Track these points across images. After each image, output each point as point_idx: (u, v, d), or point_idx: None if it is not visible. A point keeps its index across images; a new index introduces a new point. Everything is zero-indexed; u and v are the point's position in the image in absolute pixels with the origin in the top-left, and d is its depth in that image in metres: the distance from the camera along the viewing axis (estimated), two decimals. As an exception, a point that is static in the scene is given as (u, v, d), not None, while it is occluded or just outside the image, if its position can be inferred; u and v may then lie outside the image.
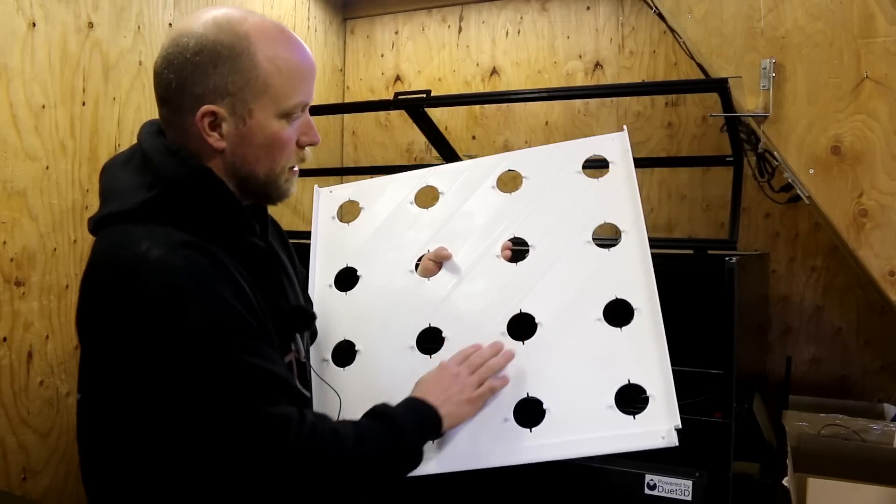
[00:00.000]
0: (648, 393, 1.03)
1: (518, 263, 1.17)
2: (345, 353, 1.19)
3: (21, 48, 1.68)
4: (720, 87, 1.68)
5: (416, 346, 1.15)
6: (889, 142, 1.55)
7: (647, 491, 1.42)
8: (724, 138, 2.01)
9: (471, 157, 2.81)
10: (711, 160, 2.47)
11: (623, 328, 1.07)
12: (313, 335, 1.21)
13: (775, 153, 1.69)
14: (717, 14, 1.71)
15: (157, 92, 0.94)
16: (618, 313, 1.08)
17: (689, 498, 1.41)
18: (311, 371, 1.14)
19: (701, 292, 1.59)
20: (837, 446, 1.75)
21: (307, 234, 1.35)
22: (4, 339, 1.68)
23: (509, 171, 1.26)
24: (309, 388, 1.09)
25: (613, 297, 1.09)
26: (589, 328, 1.09)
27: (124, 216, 0.90)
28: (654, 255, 1.11)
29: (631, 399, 1.04)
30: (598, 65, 2.78)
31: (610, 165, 1.20)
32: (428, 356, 1.14)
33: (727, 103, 1.72)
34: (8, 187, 1.67)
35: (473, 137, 2.98)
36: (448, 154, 2.45)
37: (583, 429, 1.03)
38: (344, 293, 1.24)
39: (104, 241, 0.91)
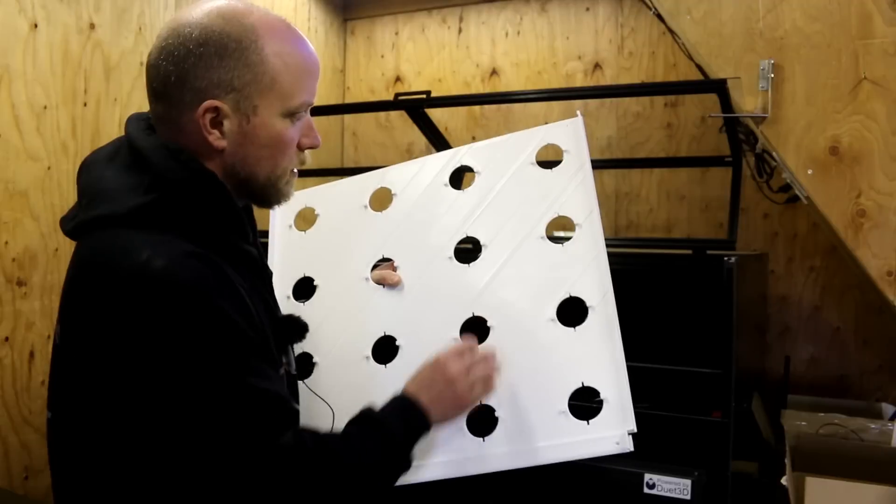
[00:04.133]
0: (602, 396, 1.00)
1: (470, 265, 1.14)
2: (303, 366, 1.15)
3: (23, 49, 1.69)
4: (719, 87, 1.68)
5: (371, 355, 1.13)
6: (887, 142, 1.56)
7: (646, 490, 1.42)
8: (722, 139, 2.02)
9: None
10: (710, 160, 2.48)
11: (577, 328, 1.04)
12: None
13: (774, 154, 1.69)
14: (715, 15, 1.72)
15: (153, 86, 0.88)
16: (572, 312, 1.05)
17: (688, 497, 1.41)
18: (305, 383, 1.12)
19: (700, 292, 1.59)
20: (836, 445, 1.75)
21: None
22: (6, 338, 1.68)
23: (463, 167, 1.22)
24: (297, 400, 1.04)
25: (567, 296, 1.06)
26: (542, 329, 1.05)
27: (118, 220, 0.83)
28: (652, 255, 1.09)
29: (586, 401, 1.01)
30: (597, 66, 2.78)
31: (564, 155, 1.15)
32: (383, 366, 1.11)
33: (726, 104, 1.73)
34: (10, 188, 1.67)
35: (473, 138, 2.98)
36: (448, 154, 2.45)
37: (535, 437, 1.01)
38: (301, 303, 1.21)
39: (94, 247, 0.84)
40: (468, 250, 1.16)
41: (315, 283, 1.22)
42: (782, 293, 2.50)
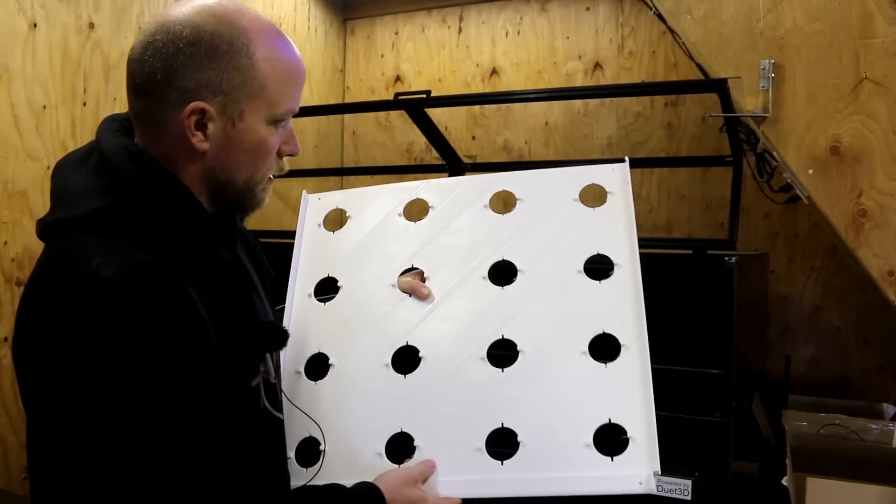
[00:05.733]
0: (629, 434, 0.99)
1: (504, 287, 1.12)
2: (318, 366, 1.13)
3: (22, 49, 1.68)
4: (719, 87, 1.68)
5: (390, 364, 1.11)
6: (888, 142, 1.55)
7: (646, 490, 1.42)
8: (723, 138, 2.02)
9: (471, 157, 2.82)
10: (711, 160, 2.48)
11: (608, 364, 1.03)
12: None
13: (774, 153, 1.69)
14: (716, 15, 1.71)
15: (135, 81, 0.84)
16: (604, 348, 1.04)
17: (689, 497, 1.41)
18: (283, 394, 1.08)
19: (700, 292, 1.59)
20: (836, 446, 1.75)
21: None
22: (6, 338, 1.68)
23: (504, 191, 1.21)
24: (279, 409, 1.02)
25: (601, 332, 1.05)
26: (572, 361, 1.04)
27: (76, 224, 0.81)
28: (653, 255, 1.09)
29: (610, 438, 1.00)
30: (597, 65, 2.78)
31: (608, 196, 1.15)
32: (402, 375, 1.09)
33: (726, 104, 1.72)
34: (9, 187, 1.67)
35: (473, 138, 2.98)
36: (448, 154, 2.45)
37: (557, 466, 1.00)
38: (322, 304, 1.19)
39: (51, 252, 0.82)
40: (503, 273, 1.14)
41: (339, 283, 1.20)
42: (783, 293, 2.50)
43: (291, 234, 1.24)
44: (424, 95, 2.01)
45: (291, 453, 1.05)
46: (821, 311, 2.46)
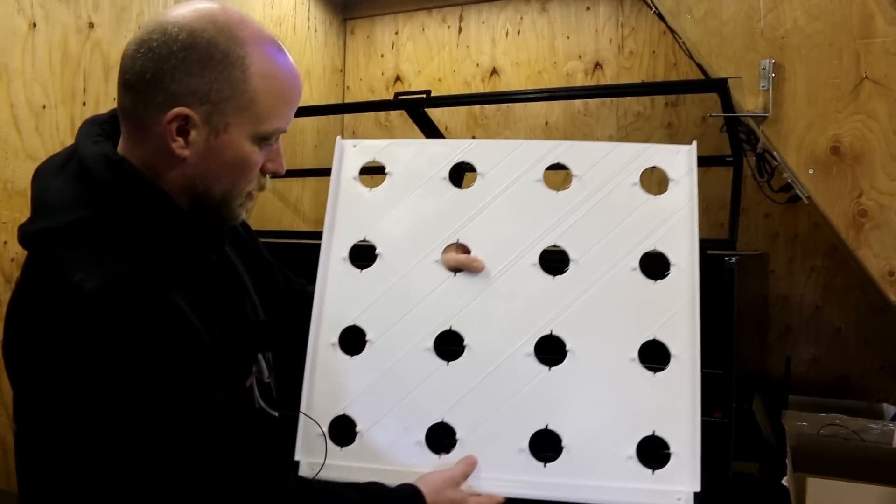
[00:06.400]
0: (672, 449, 0.98)
1: (555, 277, 1.07)
2: (353, 340, 1.09)
3: (21, 49, 1.68)
4: (720, 87, 1.68)
5: (433, 348, 1.06)
6: (888, 142, 1.55)
7: (646, 490, 1.41)
8: (723, 138, 2.01)
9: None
10: (711, 160, 2.46)
11: (657, 374, 1.01)
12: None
13: (775, 153, 1.69)
14: (716, 14, 1.71)
15: (125, 77, 0.83)
16: (654, 354, 1.02)
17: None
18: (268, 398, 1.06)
19: (700, 292, 1.58)
20: (837, 446, 1.75)
21: (306, 234, 1.34)
22: (5, 338, 1.68)
23: (558, 164, 1.14)
24: (275, 408, 1.01)
25: (652, 338, 1.03)
26: (621, 367, 1.02)
27: (56, 236, 0.80)
28: (654, 255, 1.08)
29: (652, 450, 0.99)
30: (597, 65, 2.78)
31: (670, 184, 1.11)
32: (445, 363, 1.06)
33: (727, 103, 1.72)
34: (9, 187, 1.67)
35: (473, 137, 2.98)
36: (448, 154, 2.45)
37: (598, 475, 0.99)
38: (358, 270, 1.12)
39: (34, 265, 0.82)
40: (554, 259, 1.09)
41: (377, 252, 1.13)
42: (783, 293, 2.50)
43: (291, 234, 1.24)
44: (424, 95, 2.01)
45: (325, 429, 1.03)
46: (821, 311, 2.46)
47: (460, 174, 1.17)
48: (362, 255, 1.14)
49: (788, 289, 2.50)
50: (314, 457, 1.03)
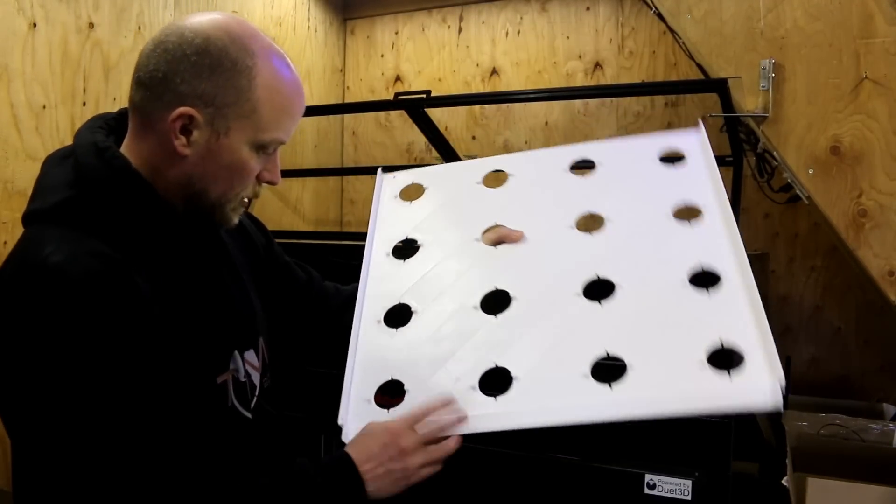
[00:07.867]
0: (744, 352, 0.90)
1: (593, 234, 1.10)
2: (399, 316, 1.11)
3: (22, 49, 1.68)
4: (720, 87, 1.68)
5: (479, 306, 1.06)
6: (888, 142, 1.55)
7: (646, 490, 1.41)
8: (723, 138, 2.01)
9: (471, 157, 2.81)
10: (711, 160, 2.47)
11: (711, 292, 0.97)
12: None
13: (775, 153, 1.69)
14: (716, 14, 1.71)
15: (139, 74, 0.88)
16: (705, 282, 1.00)
17: (689, 497, 1.41)
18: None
19: (700, 292, 1.58)
20: (837, 446, 1.75)
21: (307, 234, 1.34)
22: (5, 338, 1.68)
23: (583, 161, 1.21)
24: (248, 408, 0.99)
25: (699, 267, 1.00)
26: (674, 290, 0.99)
27: (43, 216, 0.85)
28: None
29: (723, 362, 0.90)
30: (597, 65, 2.78)
31: (686, 157, 1.15)
32: (493, 316, 1.05)
33: (727, 103, 1.72)
34: (9, 187, 1.67)
35: (473, 137, 2.98)
36: (448, 154, 2.45)
37: (672, 385, 0.91)
38: (402, 261, 1.17)
39: (19, 242, 0.86)
40: (589, 227, 1.12)
41: (419, 243, 1.18)
42: (783, 293, 2.50)
43: (291, 234, 1.24)
44: (424, 95, 2.01)
45: (371, 395, 1.01)
46: (821, 311, 2.46)
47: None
48: (404, 254, 1.19)
49: (788, 289, 2.50)
50: (360, 421, 0.99)
